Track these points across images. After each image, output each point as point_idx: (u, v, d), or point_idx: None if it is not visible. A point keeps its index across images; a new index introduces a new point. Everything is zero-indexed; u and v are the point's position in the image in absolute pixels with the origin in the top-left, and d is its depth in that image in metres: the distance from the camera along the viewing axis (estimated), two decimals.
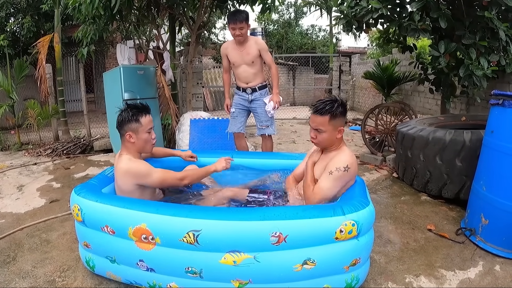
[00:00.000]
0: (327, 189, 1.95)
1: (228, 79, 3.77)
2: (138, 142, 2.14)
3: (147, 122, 2.15)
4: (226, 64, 3.62)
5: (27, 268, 2.19)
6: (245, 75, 3.50)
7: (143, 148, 2.20)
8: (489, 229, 2.35)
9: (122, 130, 2.14)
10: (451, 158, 2.96)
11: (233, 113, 3.67)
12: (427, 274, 2.11)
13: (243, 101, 3.59)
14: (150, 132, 2.18)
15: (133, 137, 2.11)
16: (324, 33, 20.41)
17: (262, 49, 3.43)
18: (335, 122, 2.00)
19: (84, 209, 1.86)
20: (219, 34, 15.78)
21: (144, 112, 2.16)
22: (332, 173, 1.95)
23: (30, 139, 6.16)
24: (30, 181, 3.99)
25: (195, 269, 1.65)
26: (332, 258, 1.68)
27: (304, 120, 8.34)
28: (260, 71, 3.53)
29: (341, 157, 1.99)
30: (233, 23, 3.28)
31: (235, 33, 3.31)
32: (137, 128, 2.11)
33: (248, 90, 3.52)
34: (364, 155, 4.59)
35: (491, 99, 2.33)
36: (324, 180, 1.96)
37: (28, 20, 7.64)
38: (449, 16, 3.29)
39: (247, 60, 3.43)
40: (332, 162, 1.98)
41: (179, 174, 2.18)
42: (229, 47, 3.51)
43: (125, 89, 4.38)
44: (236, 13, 3.34)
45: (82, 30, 4.78)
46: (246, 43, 3.41)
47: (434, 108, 6.69)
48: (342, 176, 1.96)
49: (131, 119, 2.11)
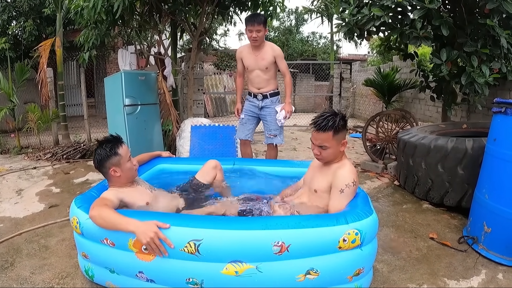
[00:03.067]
0: (342, 206, 1.94)
1: (241, 83, 3.75)
2: (124, 174, 2.10)
3: (126, 151, 2.12)
4: (241, 68, 3.61)
5: (25, 274, 2.17)
6: (258, 80, 3.48)
7: (129, 177, 2.16)
8: (491, 237, 2.33)
9: (105, 168, 2.09)
10: (453, 166, 2.95)
11: (242, 120, 3.65)
12: (430, 283, 2.09)
13: (253, 107, 3.57)
14: (130, 160, 2.15)
15: (117, 170, 2.08)
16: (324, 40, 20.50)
17: (278, 56, 3.40)
18: (339, 137, 1.99)
19: (83, 222, 1.83)
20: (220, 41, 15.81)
21: (119, 143, 2.13)
22: (343, 191, 1.94)
23: (30, 142, 6.14)
24: (29, 186, 3.97)
25: (196, 279, 1.63)
26: (336, 268, 1.67)
27: (304, 127, 8.34)
28: (273, 78, 3.51)
29: (346, 173, 1.98)
30: (251, 25, 3.26)
31: (252, 35, 3.28)
32: (119, 161, 2.07)
33: (259, 96, 3.50)
34: (365, 163, 4.57)
35: (494, 107, 2.32)
36: (337, 199, 1.96)
37: (30, 24, 7.65)
38: (450, 24, 3.29)
39: (261, 66, 3.41)
40: (338, 178, 1.97)
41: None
42: (244, 51, 3.50)
43: (126, 95, 4.37)
44: (254, 15, 3.33)
45: (83, 34, 4.78)
46: (262, 48, 3.39)
47: (435, 115, 6.69)
48: (351, 192, 1.97)
49: (110, 154, 2.06)
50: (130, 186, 2.18)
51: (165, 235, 1.62)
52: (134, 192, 2.16)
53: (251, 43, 3.38)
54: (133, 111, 4.50)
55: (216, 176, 2.65)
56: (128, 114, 4.42)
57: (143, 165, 2.79)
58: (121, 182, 2.13)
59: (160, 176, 2.88)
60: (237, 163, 3.03)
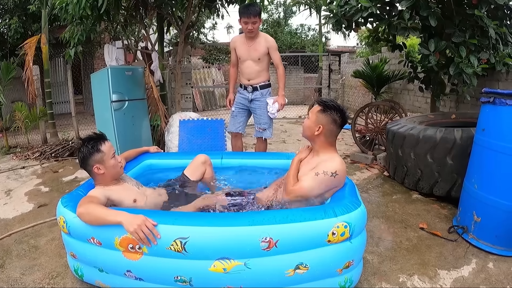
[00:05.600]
0: (308, 187, 1.94)
1: (235, 74, 3.71)
2: (108, 171, 2.07)
3: (109, 148, 2.09)
4: (234, 58, 3.57)
5: (15, 276, 2.15)
6: (249, 71, 3.44)
7: (114, 174, 2.13)
8: (481, 227, 2.36)
9: (88, 166, 2.06)
10: (442, 156, 2.96)
11: (233, 113, 3.63)
12: (420, 273, 2.11)
13: (244, 100, 3.54)
14: (115, 157, 2.12)
15: (101, 168, 2.05)
16: (313, 32, 20.45)
17: (271, 47, 3.37)
18: (320, 116, 2.04)
19: (69, 221, 1.80)
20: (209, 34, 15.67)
21: (102, 140, 2.10)
22: (318, 175, 1.94)
23: (18, 142, 6.05)
24: (18, 185, 3.92)
25: (184, 277, 1.61)
26: (325, 261, 1.66)
27: (294, 120, 8.32)
28: (265, 70, 3.48)
29: (331, 163, 1.98)
30: (246, 17, 3.20)
31: (247, 27, 3.23)
32: (102, 158, 2.04)
33: (249, 88, 3.47)
34: (354, 154, 4.59)
35: (482, 97, 2.33)
36: (308, 179, 1.95)
37: (15, 21, 7.50)
38: (438, 14, 3.29)
39: (254, 56, 3.38)
40: (321, 165, 1.98)
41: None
42: (238, 41, 3.46)
43: (113, 91, 4.31)
44: (249, 6, 3.25)
45: (69, 30, 4.70)
46: (255, 39, 3.35)
47: (424, 106, 6.72)
48: (327, 180, 1.95)
49: (93, 151, 2.04)
50: (117, 184, 2.15)
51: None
52: (121, 189, 2.13)
53: (246, 34, 3.34)
54: (121, 107, 4.44)
55: (206, 171, 2.62)
56: (116, 110, 4.36)
57: (131, 161, 2.75)
58: (106, 179, 2.10)
59: (148, 172, 2.86)
60: (225, 157, 3.02)
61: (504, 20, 3.64)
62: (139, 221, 1.59)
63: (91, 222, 1.71)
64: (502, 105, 2.15)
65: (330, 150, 2.08)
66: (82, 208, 1.75)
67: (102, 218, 1.68)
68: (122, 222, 1.62)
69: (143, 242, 1.59)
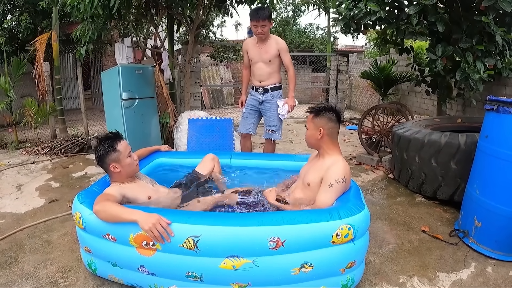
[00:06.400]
0: (329, 200, 2.01)
1: (247, 75, 3.77)
2: (124, 169, 2.15)
3: (125, 147, 2.16)
4: (247, 60, 3.64)
5: (29, 269, 2.21)
6: (260, 72, 3.51)
7: (130, 172, 2.21)
8: (482, 232, 2.40)
9: (105, 164, 2.14)
10: (446, 160, 3.00)
11: (244, 114, 3.71)
12: (420, 275, 2.16)
13: (254, 101, 3.61)
14: (131, 155, 2.20)
15: (117, 166, 2.13)
16: (322, 31, 20.36)
17: (282, 49, 3.44)
18: (316, 121, 2.14)
19: (85, 218, 1.88)
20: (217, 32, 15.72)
21: (118, 139, 2.17)
22: (332, 186, 2.01)
23: (28, 137, 6.17)
24: (28, 181, 4.01)
25: (196, 273, 1.69)
26: (329, 261, 1.73)
27: (301, 119, 8.37)
28: (276, 71, 3.54)
29: (338, 169, 2.05)
30: (255, 21, 3.28)
31: (257, 30, 3.31)
32: (118, 157, 2.12)
33: (260, 89, 3.54)
34: (360, 156, 4.64)
35: (486, 105, 2.36)
36: (325, 193, 2.02)
37: (25, 17, 7.59)
38: (446, 19, 3.31)
39: (265, 58, 3.45)
40: (330, 173, 2.04)
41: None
42: (250, 43, 3.55)
43: (123, 89, 4.40)
44: (258, 10, 3.32)
45: (80, 29, 4.78)
46: (266, 41, 3.43)
47: (431, 108, 6.74)
48: (340, 188, 2.04)
49: (109, 151, 2.11)
50: (132, 181, 2.23)
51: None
52: (136, 186, 2.21)
53: (257, 37, 3.42)
54: (131, 105, 4.52)
55: (214, 167, 2.74)
56: (126, 108, 4.45)
57: (143, 159, 2.83)
58: (122, 177, 2.18)
59: (159, 170, 2.94)
60: (234, 157, 3.09)
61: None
62: (154, 220, 1.66)
63: (107, 219, 1.79)
64: (506, 113, 2.19)
65: (335, 151, 2.15)
66: (99, 205, 1.82)
67: (118, 216, 1.76)
68: (137, 220, 1.70)
69: (157, 239, 1.67)
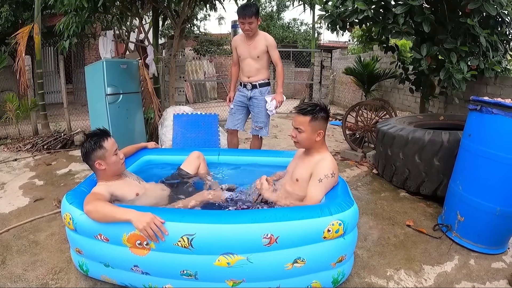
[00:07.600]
0: (319, 194, 2.05)
1: (236, 72, 3.77)
2: (109, 167, 2.13)
3: (111, 145, 2.14)
4: (236, 57, 3.65)
5: (18, 272, 2.14)
6: (248, 69, 3.53)
7: (116, 171, 2.19)
8: (464, 226, 2.49)
9: (90, 161, 2.12)
10: (430, 157, 3.09)
11: (231, 110, 3.71)
12: (406, 268, 2.24)
13: (243, 97, 3.62)
14: (117, 154, 2.18)
15: (102, 164, 2.10)
16: (306, 27, 20.42)
17: (270, 45, 3.45)
18: (315, 124, 2.10)
19: (76, 218, 1.85)
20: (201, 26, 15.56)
21: (105, 136, 2.15)
22: (321, 181, 2.05)
23: (9, 133, 5.99)
24: (11, 179, 3.91)
25: (190, 271, 1.70)
26: (320, 256, 1.77)
27: (285, 114, 8.38)
28: (265, 68, 3.56)
29: (327, 164, 2.09)
30: (242, 18, 3.29)
31: (244, 27, 3.32)
32: (104, 154, 2.10)
33: (248, 85, 3.55)
34: (344, 151, 4.71)
35: (470, 105, 2.44)
36: (315, 187, 2.06)
37: (6, 9, 7.34)
38: (432, 20, 3.38)
39: (253, 55, 3.47)
40: (319, 168, 2.08)
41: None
42: (238, 40, 3.55)
43: (108, 84, 4.33)
44: (245, 7, 3.33)
45: (64, 22, 4.66)
46: (255, 37, 3.44)
47: (413, 105, 6.88)
48: (329, 182, 2.08)
49: (95, 147, 2.09)
50: (118, 179, 2.21)
51: None
52: (123, 184, 2.20)
53: (245, 33, 3.43)
54: (115, 100, 4.46)
55: (200, 165, 2.75)
56: (110, 103, 4.39)
57: (129, 157, 2.81)
58: (107, 175, 2.16)
59: (147, 168, 2.93)
60: (222, 153, 3.11)
61: (495, 29, 3.75)
62: (148, 219, 1.65)
63: (100, 219, 1.76)
64: (489, 114, 2.27)
65: (322, 147, 2.19)
66: (90, 205, 1.80)
67: (111, 215, 1.74)
68: (131, 219, 1.69)
69: (152, 239, 1.66)
